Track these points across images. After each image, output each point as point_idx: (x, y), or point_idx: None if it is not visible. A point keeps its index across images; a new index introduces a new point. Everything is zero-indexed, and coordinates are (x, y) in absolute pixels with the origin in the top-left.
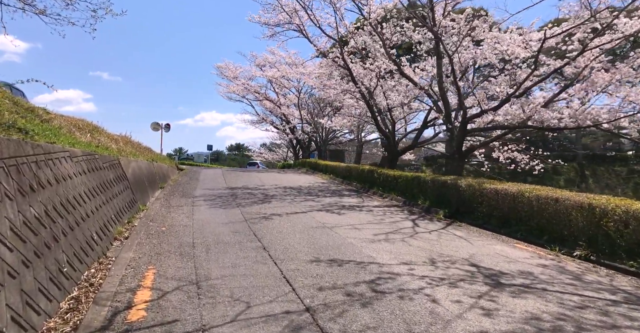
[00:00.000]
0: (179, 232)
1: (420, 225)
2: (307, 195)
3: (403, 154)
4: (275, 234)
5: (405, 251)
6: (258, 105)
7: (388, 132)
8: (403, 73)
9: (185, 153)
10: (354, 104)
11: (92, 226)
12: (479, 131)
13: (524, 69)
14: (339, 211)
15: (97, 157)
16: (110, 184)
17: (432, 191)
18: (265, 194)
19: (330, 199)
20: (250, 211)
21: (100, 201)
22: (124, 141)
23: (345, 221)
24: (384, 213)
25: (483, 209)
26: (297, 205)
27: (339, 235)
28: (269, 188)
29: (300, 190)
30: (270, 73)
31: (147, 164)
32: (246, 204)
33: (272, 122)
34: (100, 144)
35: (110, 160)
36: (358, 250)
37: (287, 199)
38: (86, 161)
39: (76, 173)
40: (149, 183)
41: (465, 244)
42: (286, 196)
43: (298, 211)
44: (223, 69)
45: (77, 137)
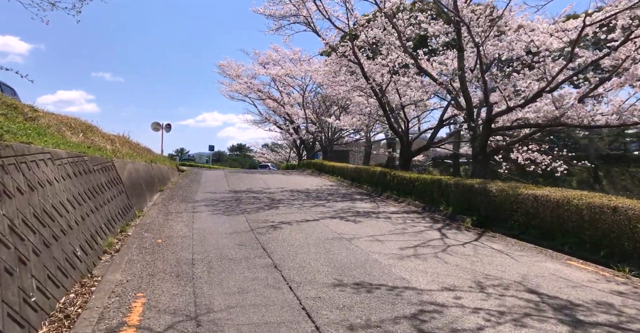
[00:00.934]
0: (177, 245)
1: (448, 235)
2: (317, 199)
3: (417, 155)
4: (287, 248)
5: (443, 272)
6: (261, 104)
7: (401, 131)
8: (420, 67)
9: (186, 153)
10: (364, 102)
11: (76, 239)
12: (505, 130)
13: (557, 62)
14: (355, 219)
15: (87, 159)
16: (101, 189)
17: (456, 196)
18: (271, 199)
19: (342, 204)
20: (257, 218)
21: (88, 209)
22: (120, 141)
23: (364, 230)
24: (404, 220)
25: (519, 217)
26: (307, 211)
27: (360, 248)
28: (274, 192)
29: (308, 194)
30: (274, 71)
31: (145, 166)
32: (251, 210)
33: (275, 122)
34: (93, 144)
35: (102, 162)
36: (387, 270)
37: (295, 205)
38: (72, 163)
39: (58, 177)
40: (146, 186)
41: (509, 261)
42: (294, 200)
43: (309, 219)
44: (225, 67)
45: (67, 137)
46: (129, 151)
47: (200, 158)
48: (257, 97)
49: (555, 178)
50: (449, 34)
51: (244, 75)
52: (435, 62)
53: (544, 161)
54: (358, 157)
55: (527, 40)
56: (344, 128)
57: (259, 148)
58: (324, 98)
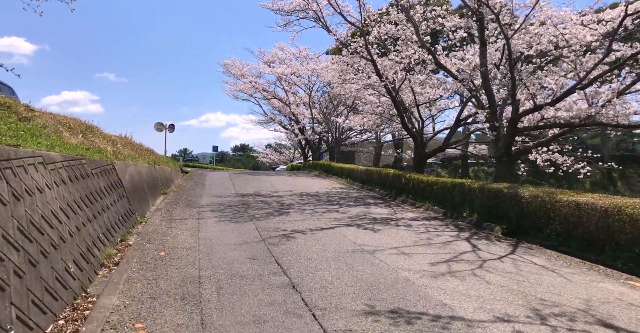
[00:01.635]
0: (182, 259)
1: (480, 247)
2: (328, 204)
3: (432, 157)
4: (304, 262)
5: (488, 295)
6: (266, 104)
7: (415, 131)
8: (439, 63)
9: (189, 154)
10: (375, 101)
11: (69, 253)
12: (533, 130)
13: (591, 56)
14: (373, 227)
15: (85, 162)
16: (100, 194)
17: (482, 201)
18: (280, 203)
19: (356, 209)
20: (267, 226)
21: (85, 218)
22: (123, 142)
23: (386, 241)
24: (427, 228)
25: (556, 226)
26: (320, 218)
27: (386, 264)
28: (283, 195)
29: (318, 198)
30: (280, 69)
31: (148, 168)
32: (261, 216)
33: (280, 122)
34: (93, 146)
35: (102, 165)
36: (423, 292)
37: (306, 210)
38: (68, 167)
39: (51, 183)
40: (149, 189)
41: (561, 281)
42: (305, 205)
43: (324, 227)
44: (229, 66)
45: (64, 138)
46: (131, 153)
47: (204, 159)
48: (262, 97)
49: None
50: (469, 27)
51: (249, 74)
52: (454, 58)
53: (565, 162)
54: (363, 157)
55: (554, 34)
56: (353, 128)
57: (263, 149)
58: (332, 97)
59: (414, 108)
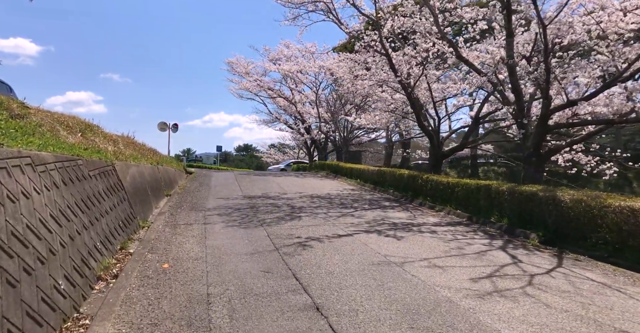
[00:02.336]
0: (188, 273)
1: (520, 258)
2: (342, 207)
3: (450, 156)
4: (325, 277)
5: (554, 323)
6: (271, 103)
7: (431, 130)
8: (461, 56)
9: (193, 154)
10: (388, 98)
11: (60, 267)
12: (567, 127)
13: (633, 46)
14: (394, 234)
15: (81, 163)
16: (98, 198)
17: (511, 205)
18: (291, 206)
19: (373, 213)
20: (279, 232)
21: (80, 225)
22: (125, 142)
23: (413, 251)
24: (454, 235)
25: (605, 235)
26: (336, 223)
27: (420, 279)
28: (292, 197)
29: (330, 200)
30: (287, 67)
31: (150, 168)
32: (271, 221)
33: (285, 121)
34: (92, 146)
35: (101, 166)
36: (472, 318)
37: (319, 214)
38: (62, 169)
39: (40, 187)
40: (152, 191)
41: (634, 304)
42: (317, 208)
43: (341, 234)
44: (234, 64)
45: (61, 137)
46: (133, 153)
47: (208, 159)
48: (267, 95)
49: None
50: (490, 20)
51: (254, 72)
52: (476, 51)
53: (589, 162)
54: (369, 157)
55: (588, 22)
56: (363, 126)
57: (266, 148)
58: (340, 96)
59: (429, 105)
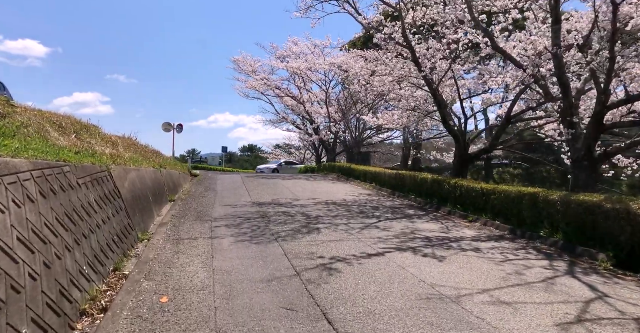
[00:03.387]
0: (191, 311)
1: (602, 289)
2: (363, 216)
3: (477, 159)
4: (365, 319)
5: None
6: (278, 102)
7: (457, 130)
8: (497, 47)
9: (198, 154)
10: (409, 96)
11: (27, 308)
12: (624, 127)
13: None
14: (433, 252)
15: (68, 170)
16: (88, 210)
17: (566, 217)
18: (306, 216)
19: (399, 224)
20: (297, 249)
21: (62, 247)
22: (125, 143)
23: (463, 277)
24: (503, 254)
25: None
26: (360, 236)
27: (491, 326)
28: (306, 204)
29: (348, 208)
30: (296, 64)
31: (153, 172)
32: (286, 234)
33: (293, 121)
34: (86, 148)
35: (93, 172)
36: None
37: (339, 225)
38: (41, 178)
39: (7, 203)
40: (154, 197)
41: None
42: (335, 218)
43: (370, 252)
44: (240, 62)
45: (50, 139)
46: (134, 156)
47: (213, 160)
48: (274, 94)
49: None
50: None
51: (260, 71)
52: (513, 41)
53: (631, 165)
54: (376, 158)
55: None
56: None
57: (271, 149)
58: (351, 94)
59: (450, 103)
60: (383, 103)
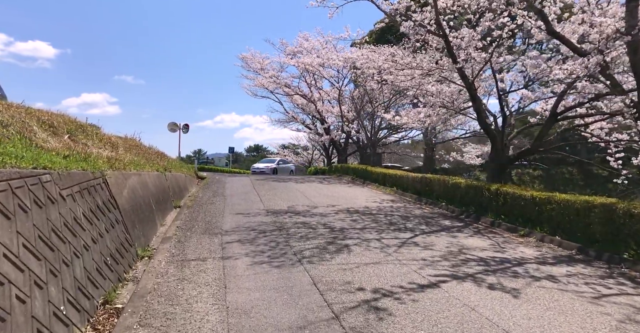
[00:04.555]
0: None
1: None
2: (394, 229)
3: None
4: None
5: None
6: (287, 101)
7: (495, 129)
8: (553, 31)
9: (204, 154)
10: (438, 91)
11: None
12: None
13: None
14: (499, 282)
15: (48, 179)
16: (73, 228)
17: None
18: (329, 228)
19: (439, 239)
20: (329, 276)
21: (29, 284)
22: (127, 145)
23: (565, 329)
24: (588, 284)
25: None
26: (400, 257)
27: None
28: (326, 213)
29: (374, 217)
30: (308, 60)
31: (156, 176)
32: (311, 253)
33: (303, 121)
34: (80, 151)
35: (84, 180)
36: None
37: (371, 241)
38: (5, 193)
39: None
40: (157, 204)
41: None
42: (363, 231)
43: (422, 282)
44: (248, 59)
45: (37, 141)
46: (135, 159)
47: (220, 161)
48: (283, 93)
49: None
50: None
51: (269, 68)
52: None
53: None
54: (386, 159)
55: None
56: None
57: (277, 149)
58: (367, 91)
59: (486, 99)
60: (403, 100)
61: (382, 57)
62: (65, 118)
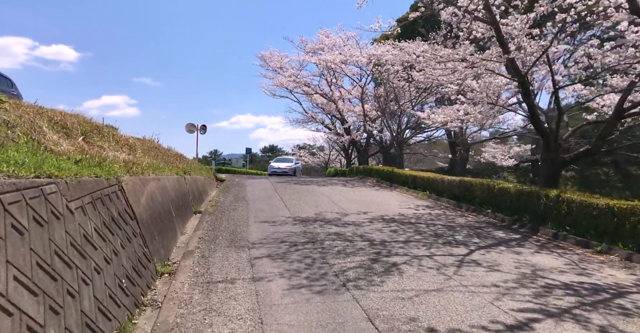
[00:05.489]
0: None
1: None
2: (443, 241)
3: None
4: None
5: None
6: (306, 101)
7: (548, 128)
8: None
9: (219, 155)
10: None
11: None
12: None
13: None
14: (611, 324)
15: (53, 190)
16: (82, 248)
17: None
18: (367, 240)
19: (501, 256)
20: (385, 310)
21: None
22: (145, 147)
23: None
24: None
25: None
26: (466, 282)
27: None
28: (359, 222)
29: (416, 227)
30: (329, 57)
31: (176, 180)
32: (355, 274)
33: (322, 121)
34: (94, 155)
35: (96, 189)
36: None
37: (422, 258)
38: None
39: None
40: (177, 210)
41: None
42: (408, 244)
43: (508, 322)
44: (267, 58)
45: (45, 143)
46: (154, 161)
47: (237, 162)
48: (303, 92)
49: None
50: None
51: (288, 67)
52: None
53: None
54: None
55: None
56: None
57: (293, 149)
58: (394, 89)
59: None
60: (428, 98)
61: (419, 49)
62: (80, 119)
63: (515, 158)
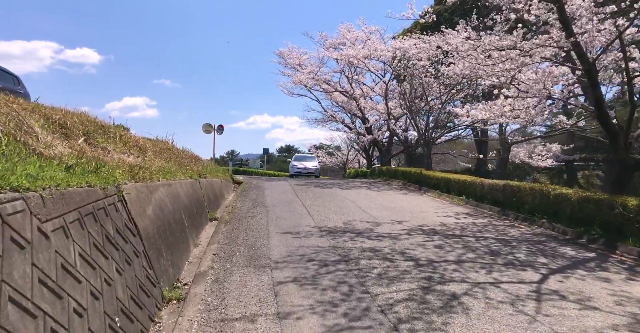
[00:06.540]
0: None
1: None
2: (504, 263)
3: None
4: None
5: None
6: (325, 99)
7: (616, 126)
8: None
9: (236, 155)
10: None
11: None
12: None
13: None
14: None
15: (21, 208)
16: (60, 283)
17: None
18: (411, 259)
19: (589, 286)
20: None
21: None
22: (157, 148)
23: None
24: None
25: None
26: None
27: None
28: (395, 234)
29: (464, 242)
30: (352, 52)
31: (190, 185)
32: (406, 310)
33: (342, 120)
34: (90, 159)
35: (87, 202)
36: None
37: (487, 287)
38: None
39: None
40: (190, 218)
41: None
42: (463, 267)
43: None
44: (286, 55)
45: (35, 146)
46: (166, 164)
47: (254, 162)
48: (322, 90)
49: None
50: None
51: (308, 64)
52: None
53: None
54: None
55: None
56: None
57: (310, 149)
58: (422, 84)
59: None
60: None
61: (458, 39)
62: (83, 118)
63: (553, 159)
